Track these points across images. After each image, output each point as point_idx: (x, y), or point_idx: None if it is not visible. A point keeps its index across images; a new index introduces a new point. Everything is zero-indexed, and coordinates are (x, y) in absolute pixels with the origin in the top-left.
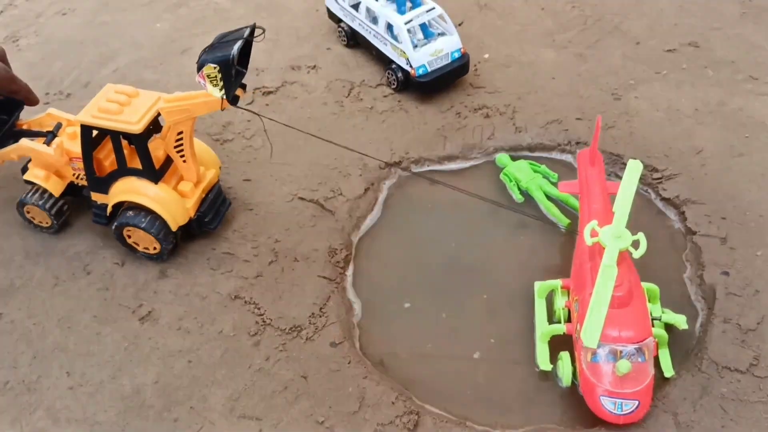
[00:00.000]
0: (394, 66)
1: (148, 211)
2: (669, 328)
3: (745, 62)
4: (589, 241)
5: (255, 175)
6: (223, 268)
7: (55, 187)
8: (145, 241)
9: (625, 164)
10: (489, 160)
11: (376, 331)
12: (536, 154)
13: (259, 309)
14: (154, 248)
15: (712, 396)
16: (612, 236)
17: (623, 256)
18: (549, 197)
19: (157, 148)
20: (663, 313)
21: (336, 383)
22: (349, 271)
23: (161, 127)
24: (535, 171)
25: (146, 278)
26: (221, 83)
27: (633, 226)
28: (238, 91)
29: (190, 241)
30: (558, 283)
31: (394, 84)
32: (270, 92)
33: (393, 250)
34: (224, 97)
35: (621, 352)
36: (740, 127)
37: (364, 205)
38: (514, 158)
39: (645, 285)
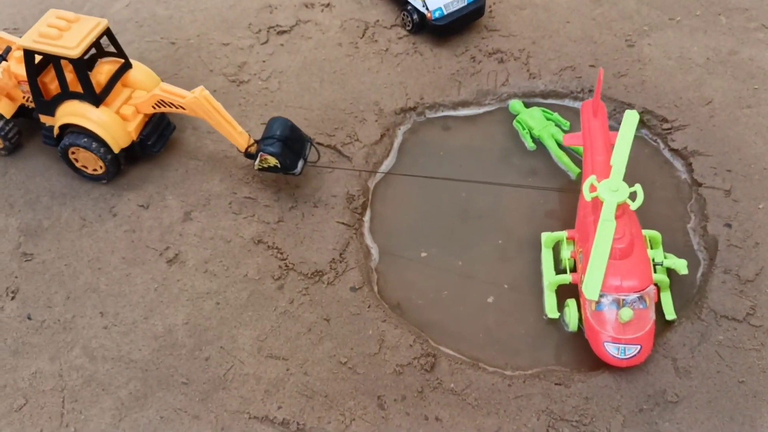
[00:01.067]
0: (409, 7)
1: (91, 133)
2: (671, 272)
3: (759, 10)
4: (588, 196)
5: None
6: (245, 212)
7: (7, 109)
8: (90, 162)
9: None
10: (502, 106)
11: (393, 276)
12: (549, 101)
13: (281, 254)
14: (99, 167)
15: (709, 343)
16: (609, 190)
17: (624, 208)
18: (561, 146)
19: (99, 73)
20: (665, 258)
21: (357, 326)
22: (367, 217)
23: (105, 51)
24: (548, 119)
25: (171, 221)
26: (264, 167)
27: (640, 175)
28: (252, 149)
29: (210, 185)
30: (564, 234)
31: (409, 26)
32: (284, 31)
33: (408, 195)
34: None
35: (623, 300)
36: (750, 78)
37: (381, 151)
38: (527, 105)
39: (647, 232)
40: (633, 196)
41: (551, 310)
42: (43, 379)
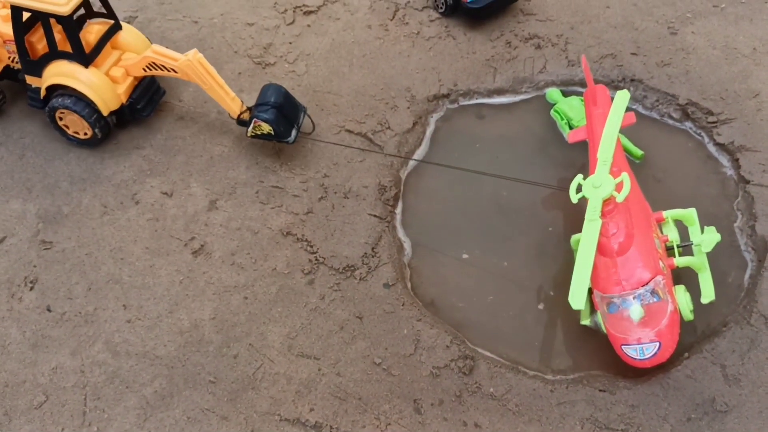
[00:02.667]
0: None
1: (80, 95)
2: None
3: None
4: (574, 198)
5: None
6: (273, 202)
7: None
8: (77, 125)
9: (680, 105)
10: (539, 95)
11: (427, 272)
12: None
13: (311, 247)
14: (85, 133)
15: (759, 349)
16: (592, 187)
17: (614, 201)
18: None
19: (88, 33)
20: (702, 233)
21: (391, 325)
22: (399, 209)
23: (94, 12)
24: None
25: (196, 209)
26: (257, 134)
27: (683, 171)
28: (245, 115)
29: (236, 172)
30: None
31: (441, 8)
32: (311, 11)
33: (441, 187)
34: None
35: (634, 297)
36: None
37: (413, 140)
38: (565, 94)
39: (676, 212)
40: (619, 188)
41: (584, 317)
42: (64, 375)
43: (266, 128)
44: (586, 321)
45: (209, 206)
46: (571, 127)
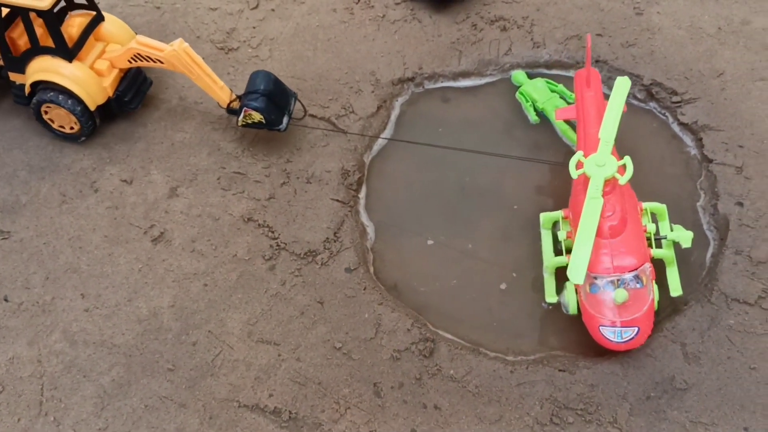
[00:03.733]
0: None
1: (65, 90)
2: (678, 247)
3: None
4: (574, 173)
5: None
6: (234, 188)
7: None
8: (63, 119)
9: (644, 86)
10: (505, 77)
11: (390, 256)
12: (554, 72)
13: (273, 232)
14: (72, 128)
15: (720, 327)
16: (595, 165)
17: (613, 183)
18: (567, 120)
19: (70, 26)
20: (672, 230)
21: (352, 309)
22: (362, 193)
23: (75, 4)
24: (552, 91)
25: (156, 197)
26: (247, 123)
27: (647, 150)
28: (234, 104)
29: (197, 158)
30: (560, 213)
31: None
32: None
33: (406, 171)
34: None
35: (618, 281)
36: (763, 49)
37: (377, 124)
38: (530, 76)
39: (651, 204)
40: (622, 170)
41: (549, 294)
42: (20, 365)
43: (257, 117)
44: (552, 299)
45: (170, 193)
46: (535, 109)
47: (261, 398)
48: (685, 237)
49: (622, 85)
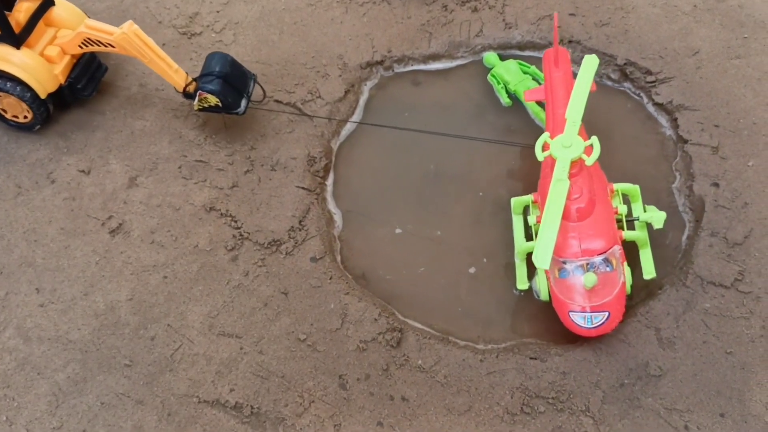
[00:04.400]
0: None
1: (14, 78)
2: (651, 229)
3: None
4: (540, 156)
5: None
6: (196, 177)
7: None
8: (15, 108)
9: (618, 66)
10: (476, 59)
11: (358, 244)
12: (526, 53)
13: (235, 222)
14: (25, 117)
15: (695, 311)
16: (561, 146)
17: (581, 164)
18: (538, 102)
19: (18, 12)
20: (645, 211)
21: (317, 299)
22: (329, 181)
23: None
24: (525, 72)
25: (114, 187)
26: (204, 107)
27: (621, 131)
28: (190, 87)
29: (158, 147)
30: (530, 198)
31: None
32: None
33: (374, 157)
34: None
35: (587, 265)
36: (739, 27)
37: (345, 109)
38: (502, 58)
39: (623, 185)
40: (588, 151)
41: (520, 281)
42: None
43: (213, 100)
44: (524, 286)
45: (129, 183)
46: (507, 92)
47: (222, 393)
48: (657, 218)
49: (590, 64)
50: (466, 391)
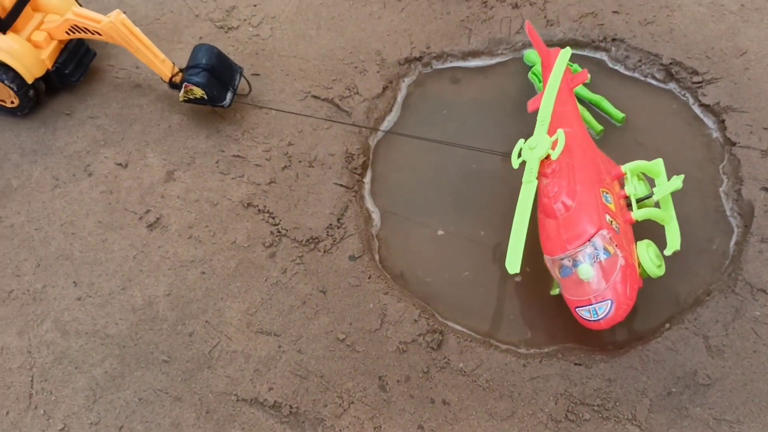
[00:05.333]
0: None
1: (1, 63)
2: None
3: None
4: (515, 163)
5: (263, 68)
6: (234, 172)
7: None
8: (3, 93)
9: (663, 65)
10: (517, 57)
11: (396, 243)
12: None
13: (273, 218)
14: (12, 102)
15: (744, 319)
16: (527, 148)
17: (555, 161)
18: (581, 100)
19: None
20: (660, 185)
21: (356, 299)
22: (367, 178)
23: None
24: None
25: (152, 181)
26: (189, 98)
27: (666, 133)
28: (176, 78)
29: (195, 141)
30: None
31: None
32: None
33: (412, 154)
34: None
35: (581, 256)
36: None
37: (383, 106)
38: None
39: (639, 164)
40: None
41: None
42: (9, 356)
43: (198, 92)
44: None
45: (166, 177)
46: None
47: (260, 392)
48: (661, 189)
49: (562, 57)
50: (508, 396)
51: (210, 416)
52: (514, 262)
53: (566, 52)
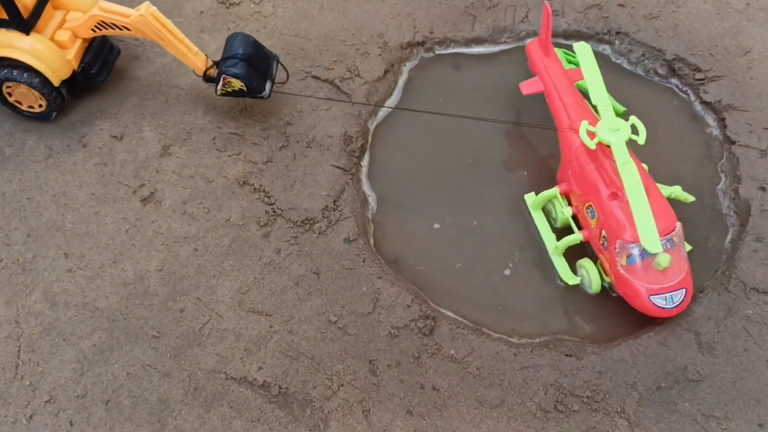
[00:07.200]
0: None
1: (25, 65)
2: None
3: None
4: (591, 144)
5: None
6: (231, 149)
7: None
8: (28, 98)
9: (667, 61)
10: (520, 45)
11: (392, 228)
12: (571, 42)
13: (269, 198)
14: (40, 105)
15: (737, 317)
16: (610, 131)
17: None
18: (583, 92)
19: None
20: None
21: (349, 282)
22: (365, 161)
23: None
24: (570, 62)
25: (147, 155)
26: (227, 91)
27: (666, 130)
28: (211, 71)
29: (192, 117)
30: (555, 191)
31: None
32: None
33: (411, 139)
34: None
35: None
36: None
37: (383, 89)
38: None
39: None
40: (635, 131)
41: (568, 276)
42: None
43: (237, 84)
44: (575, 281)
45: (162, 152)
46: None
47: (250, 371)
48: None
49: (586, 50)
50: (498, 385)
51: (198, 393)
52: (653, 243)
53: (584, 47)
